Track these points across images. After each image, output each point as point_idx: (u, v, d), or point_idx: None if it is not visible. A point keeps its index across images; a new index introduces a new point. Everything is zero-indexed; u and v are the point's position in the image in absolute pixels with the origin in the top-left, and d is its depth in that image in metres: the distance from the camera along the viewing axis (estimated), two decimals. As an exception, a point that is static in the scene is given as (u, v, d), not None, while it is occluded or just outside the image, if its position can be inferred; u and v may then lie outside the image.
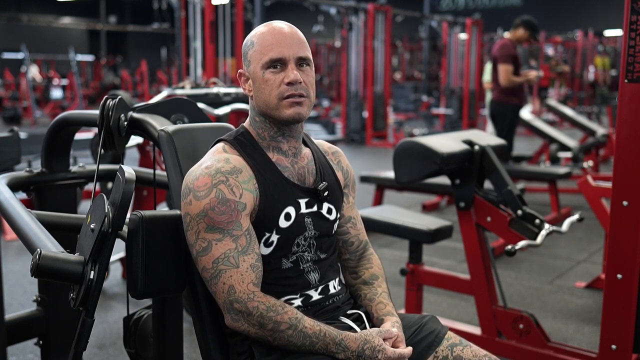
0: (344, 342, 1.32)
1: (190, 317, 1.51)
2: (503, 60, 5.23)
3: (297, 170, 1.43)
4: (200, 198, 1.30)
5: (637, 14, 1.91)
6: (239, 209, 1.32)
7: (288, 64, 1.35)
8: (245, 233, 1.33)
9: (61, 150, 2.08)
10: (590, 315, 3.23)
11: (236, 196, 1.32)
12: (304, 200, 1.42)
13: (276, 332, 1.30)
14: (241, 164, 1.36)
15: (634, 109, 1.96)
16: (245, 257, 1.32)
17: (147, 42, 25.89)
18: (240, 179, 1.34)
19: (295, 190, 1.41)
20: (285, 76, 1.35)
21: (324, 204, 1.46)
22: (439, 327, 1.47)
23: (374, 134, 10.73)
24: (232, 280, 1.30)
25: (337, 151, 1.59)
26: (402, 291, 3.20)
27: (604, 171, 6.63)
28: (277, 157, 1.42)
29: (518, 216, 2.45)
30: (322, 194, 1.44)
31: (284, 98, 1.35)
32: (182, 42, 7.75)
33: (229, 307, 1.31)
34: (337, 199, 1.50)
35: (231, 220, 1.31)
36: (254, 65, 1.38)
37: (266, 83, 1.36)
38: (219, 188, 1.31)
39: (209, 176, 1.32)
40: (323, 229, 1.46)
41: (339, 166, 1.56)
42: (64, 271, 1.21)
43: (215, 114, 3.60)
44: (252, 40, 1.39)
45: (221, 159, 1.35)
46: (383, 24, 10.98)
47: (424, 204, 5.69)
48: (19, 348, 2.72)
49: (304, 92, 1.36)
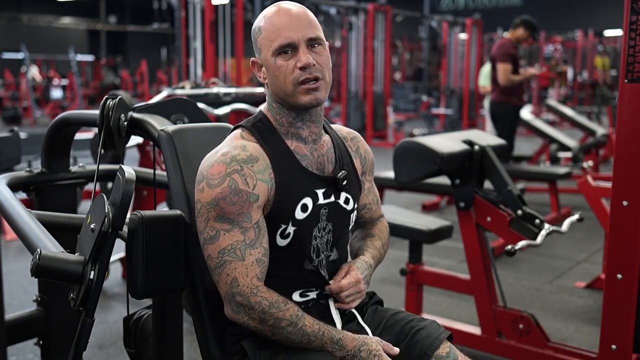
0: (341, 341, 1.31)
1: (190, 317, 1.51)
2: (502, 60, 5.23)
3: (316, 158, 1.40)
4: (213, 186, 1.28)
5: (637, 14, 1.91)
6: (250, 200, 1.29)
7: (299, 47, 1.31)
8: (255, 226, 1.31)
9: (61, 150, 2.07)
10: (590, 315, 3.23)
11: (249, 187, 1.29)
12: (322, 190, 1.39)
13: (276, 328, 1.30)
14: (258, 151, 1.33)
15: (634, 109, 1.96)
16: (252, 250, 1.30)
17: (147, 42, 25.87)
18: (256, 168, 1.31)
19: (314, 180, 1.38)
20: (297, 60, 1.30)
21: (342, 194, 1.43)
22: (439, 331, 1.41)
23: (374, 134, 10.72)
24: (236, 273, 1.29)
25: (356, 136, 1.55)
26: (402, 291, 3.20)
27: (604, 171, 6.63)
28: (295, 145, 1.38)
29: (518, 216, 2.45)
30: (341, 182, 1.40)
31: (299, 83, 1.31)
32: (182, 42, 7.75)
33: (231, 299, 1.30)
34: (354, 188, 1.47)
35: (242, 211, 1.29)
36: (265, 53, 1.34)
37: (279, 70, 1.32)
38: (233, 177, 1.28)
39: (224, 164, 1.29)
40: (337, 220, 1.43)
41: (357, 153, 1.52)
42: (64, 271, 1.21)
43: (215, 114, 3.60)
44: (260, 26, 1.35)
45: (238, 146, 1.32)
46: (383, 24, 10.98)
47: (424, 204, 5.69)
48: (19, 348, 2.72)
49: (318, 74, 1.32)
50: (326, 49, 1.35)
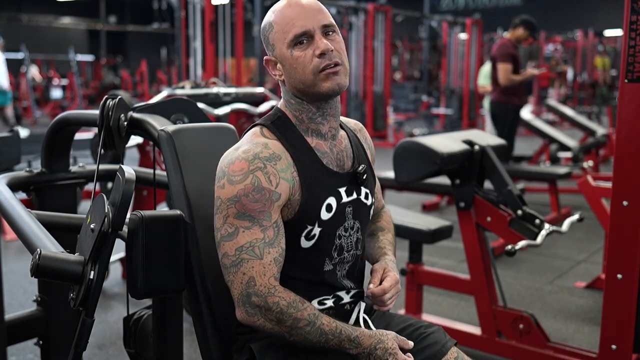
0: (358, 338, 1.29)
1: (190, 317, 1.51)
2: (502, 59, 5.23)
3: (335, 155, 1.38)
4: (235, 183, 1.25)
5: (637, 14, 1.91)
6: (272, 199, 1.26)
7: (314, 35, 1.28)
8: (274, 225, 1.28)
9: (61, 150, 2.07)
10: (590, 315, 3.23)
11: (272, 185, 1.26)
12: (344, 188, 1.37)
13: (294, 329, 1.26)
14: (280, 149, 1.30)
15: (634, 109, 1.96)
16: (271, 249, 1.27)
17: (147, 42, 25.87)
18: (279, 166, 1.28)
19: (336, 179, 1.36)
20: (315, 48, 1.28)
21: (362, 189, 1.41)
22: (446, 339, 1.41)
23: (374, 134, 10.72)
24: (254, 272, 1.25)
25: (362, 127, 1.53)
26: (402, 291, 3.21)
27: (604, 171, 6.63)
28: (316, 142, 1.35)
29: (518, 216, 2.45)
30: (362, 177, 1.38)
31: (319, 71, 1.28)
32: (182, 42, 7.75)
33: (245, 300, 1.26)
34: (372, 181, 1.46)
35: (263, 209, 1.26)
36: (279, 47, 1.31)
37: (297, 61, 1.29)
38: (256, 175, 1.25)
39: (246, 161, 1.26)
40: (362, 216, 1.41)
41: (366, 144, 1.51)
42: (63, 271, 1.21)
43: (215, 114, 3.60)
44: (270, 22, 1.32)
45: (260, 144, 1.29)
46: (383, 24, 10.98)
47: (424, 204, 5.69)
48: (19, 348, 2.72)
49: (338, 59, 1.29)
50: (340, 36, 1.33)
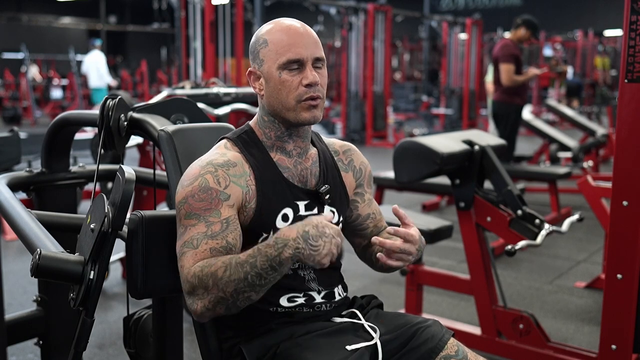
0: (281, 235, 1.19)
1: (190, 317, 1.51)
2: (504, 60, 5.23)
3: (299, 172, 1.40)
4: (185, 186, 1.30)
5: (637, 14, 1.91)
6: (220, 198, 1.29)
7: (306, 65, 1.33)
8: (223, 221, 1.28)
9: (61, 150, 2.08)
10: (590, 315, 3.23)
11: (220, 186, 1.30)
12: (304, 202, 1.39)
13: (220, 284, 1.20)
14: (238, 159, 1.35)
15: (634, 109, 1.96)
16: (210, 240, 1.26)
17: (147, 42, 25.87)
18: (232, 172, 1.32)
19: (295, 192, 1.39)
20: (303, 77, 1.32)
21: (325, 207, 1.42)
22: (442, 332, 1.41)
23: (374, 134, 10.73)
24: (184, 261, 1.26)
25: (349, 149, 1.54)
26: (402, 291, 3.20)
27: (604, 171, 6.63)
28: (278, 157, 1.39)
29: (518, 216, 2.45)
30: (324, 196, 1.40)
31: (302, 100, 1.33)
32: (182, 42, 7.75)
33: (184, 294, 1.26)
34: (340, 202, 1.46)
35: (209, 207, 1.28)
36: (268, 65, 1.34)
37: (283, 84, 1.33)
38: (205, 177, 1.30)
39: (200, 167, 1.32)
40: None
41: (349, 166, 1.52)
42: (63, 271, 1.22)
43: (215, 114, 3.60)
44: (265, 38, 1.35)
45: (218, 154, 1.35)
46: (383, 24, 10.98)
47: (424, 204, 5.69)
48: (19, 348, 2.72)
49: (320, 93, 1.34)
50: (326, 70, 1.38)
